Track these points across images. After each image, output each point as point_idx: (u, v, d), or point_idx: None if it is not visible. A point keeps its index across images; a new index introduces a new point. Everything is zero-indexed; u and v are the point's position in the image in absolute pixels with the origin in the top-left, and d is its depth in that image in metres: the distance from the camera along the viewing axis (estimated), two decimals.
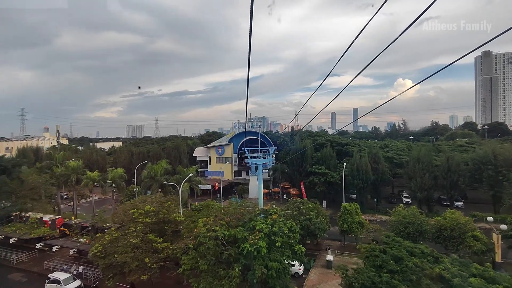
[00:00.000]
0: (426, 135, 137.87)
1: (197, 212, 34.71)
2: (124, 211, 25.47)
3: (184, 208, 36.59)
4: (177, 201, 29.86)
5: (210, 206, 40.80)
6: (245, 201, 30.60)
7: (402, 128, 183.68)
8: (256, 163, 39.79)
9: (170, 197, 30.54)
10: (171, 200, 28.63)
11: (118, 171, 47.63)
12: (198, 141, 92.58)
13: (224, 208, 26.06)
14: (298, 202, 35.57)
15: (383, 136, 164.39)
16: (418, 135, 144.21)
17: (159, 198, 27.19)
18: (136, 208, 25.00)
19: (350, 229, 35.07)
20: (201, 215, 26.11)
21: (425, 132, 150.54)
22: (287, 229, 21.98)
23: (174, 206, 27.93)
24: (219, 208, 27.39)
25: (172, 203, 27.93)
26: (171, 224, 25.54)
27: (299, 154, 56.06)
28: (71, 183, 48.22)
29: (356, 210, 36.21)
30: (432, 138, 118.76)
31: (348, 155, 59.11)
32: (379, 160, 52.95)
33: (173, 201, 28.97)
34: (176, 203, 28.95)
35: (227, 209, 24.90)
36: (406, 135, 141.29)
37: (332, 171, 53.59)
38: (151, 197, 28.07)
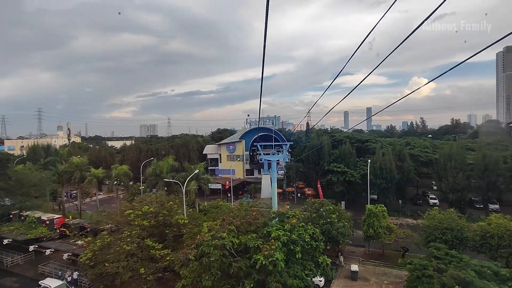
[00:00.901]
0: (446, 134, 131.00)
1: (204, 213, 31.46)
2: (120, 211, 22.31)
3: (191, 209, 33.36)
4: (181, 201, 26.52)
5: (219, 206, 37.68)
6: (257, 201, 27.11)
7: (420, 126, 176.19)
8: (269, 159, 36.09)
9: (173, 197, 27.21)
10: (174, 200, 25.30)
11: (123, 168, 44.91)
12: (209, 139, 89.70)
13: (234, 210, 22.53)
14: (317, 203, 31.66)
15: (400, 134, 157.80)
16: (437, 133, 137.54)
17: (159, 198, 23.89)
18: (133, 209, 21.77)
19: (377, 235, 30.91)
20: (208, 218, 22.67)
21: (445, 131, 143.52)
22: (309, 237, 18.22)
23: (178, 207, 24.58)
24: (228, 210, 23.89)
25: (175, 204, 24.61)
26: (173, 228, 22.20)
27: (315, 152, 52.00)
28: (75, 181, 45.79)
29: (383, 213, 31.99)
30: (454, 136, 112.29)
31: (369, 153, 54.61)
32: (405, 157, 48.28)
33: (177, 201, 25.66)
34: (180, 203, 25.62)
35: (237, 212, 21.33)
36: (424, 134, 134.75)
37: (351, 170, 49.27)
38: (150, 196, 24.83)
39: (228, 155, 69.76)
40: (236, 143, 69.84)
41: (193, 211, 27.68)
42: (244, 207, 22.82)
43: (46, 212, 40.78)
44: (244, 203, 24.71)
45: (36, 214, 36.92)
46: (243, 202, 24.98)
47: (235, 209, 23.48)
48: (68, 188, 57.09)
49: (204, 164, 38.30)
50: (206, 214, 34.18)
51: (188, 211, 28.42)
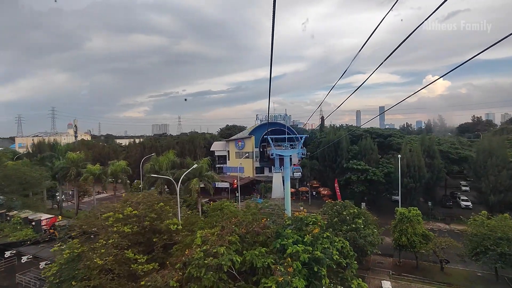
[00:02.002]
0: (466, 131, 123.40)
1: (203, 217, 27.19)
2: (94, 214, 18.16)
3: (190, 211, 29.10)
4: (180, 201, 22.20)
5: (223, 208, 33.51)
6: (266, 202, 22.62)
7: (438, 124, 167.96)
8: (281, 154, 31.44)
9: (165, 197, 22.85)
10: (168, 200, 21.01)
11: (121, 164, 41.12)
12: (217, 136, 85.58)
13: (239, 214, 18.04)
14: (338, 206, 26.79)
15: (417, 133, 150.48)
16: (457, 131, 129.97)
17: (148, 197, 19.59)
18: (113, 211, 17.55)
19: (410, 244, 25.84)
20: (205, 223, 18.22)
21: (465, 129, 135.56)
22: (337, 252, 13.52)
23: (171, 208, 20.27)
24: (231, 213, 19.40)
25: (169, 205, 20.31)
26: (163, 235, 17.83)
27: (332, 148, 47.01)
28: (70, 177, 42.34)
29: (418, 218, 26.87)
30: (478, 133, 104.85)
31: (392, 149, 49.18)
32: (434, 154, 42.70)
33: (172, 202, 21.38)
34: (174, 204, 21.31)
35: (242, 216, 16.81)
36: (443, 132, 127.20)
37: (373, 168, 44.03)
38: (137, 195, 20.59)
39: (237, 152, 65.33)
40: (245, 139, 65.37)
41: (191, 214, 23.28)
42: (252, 210, 18.26)
43: (40, 212, 37.46)
44: (252, 204, 20.17)
45: (23, 214, 33.45)
46: (251, 204, 20.50)
47: (241, 212, 19.00)
48: (67, 186, 53.99)
49: (208, 160, 33.92)
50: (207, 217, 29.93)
51: (187, 213, 24.11)
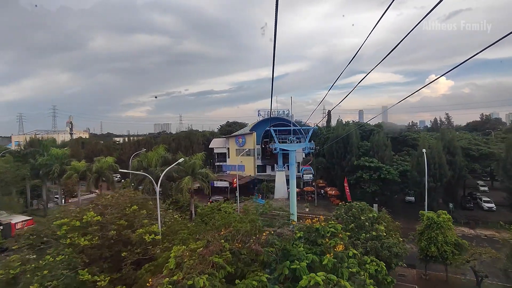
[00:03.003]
0: (475, 130, 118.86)
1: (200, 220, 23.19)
2: (48, 221, 14.12)
3: (179, 215, 25.03)
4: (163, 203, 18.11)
5: (222, 209, 29.46)
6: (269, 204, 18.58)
7: (445, 122, 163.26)
8: (286, 149, 27.29)
9: (142, 197, 18.69)
10: (145, 202, 16.93)
11: (107, 160, 37.10)
12: (217, 132, 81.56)
13: (232, 222, 13.92)
14: (354, 209, 22.53)
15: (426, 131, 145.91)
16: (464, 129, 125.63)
17: (118, 199, 15.50)
18: (70, 216, 13.49)
19: (441, 254, 21.61)
20: (189, 234, 14.10)
21: (473, 127, 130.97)
22: (371, 281, 9.34)
23: (149, 212, 16.19)
24: (225, 219, 15.29)
25: (147, 208, 16.24)
26: (135, 247, 13.74)
27: (341, 144, 42.76)
28: (53, 175, 38.43)
29: (449, 223, 22.60)
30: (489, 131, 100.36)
31: (407, 145, 44.85)
32: (456, 150, 38.34)
33: (150, 203, 17.32)
34: (155, 207, 17.23)
35: (237, 225, 12.68)
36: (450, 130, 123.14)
37: (387, 165, 39.74)
38: (105, 196, 16.51)
39: (237, 149, 61.20)
40: (246, 135, 61.24)
41: (176, 220, 19.12)
42: (250, 216, 14.12)
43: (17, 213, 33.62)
44: (251, 208, 16.10)
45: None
46: (249, 207, 16.45)
47: (237, 217, 14.89)
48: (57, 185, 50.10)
49: (202, 155, 29.84)
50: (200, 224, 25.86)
51: (173, 218, 20.02)
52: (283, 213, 16.07)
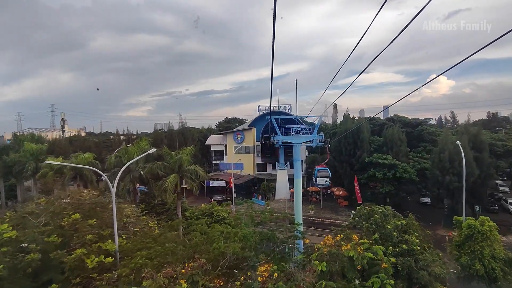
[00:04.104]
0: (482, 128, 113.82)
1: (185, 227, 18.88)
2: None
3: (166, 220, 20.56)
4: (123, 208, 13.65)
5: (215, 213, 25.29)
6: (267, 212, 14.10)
7: (450, 121, 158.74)
8: (291, 141, 22.80)
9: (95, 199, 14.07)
10: (99, 205, 12.42)
11: (86, 156, 32.58)
12: (215, 129, 76.98)
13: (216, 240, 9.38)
14: (378, 215, 17.92)
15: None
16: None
17: (52, 204, 11.00)
18: None
19: (488, 272, 17.05)
20: (154, 254, 9.54)
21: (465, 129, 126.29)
22: None
23: (106, 222, 11.71)
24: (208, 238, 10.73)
25: (100, 217, 11.73)
26: (70, 274, 9.21)
27: (350, 139, 38.24)
28: (27, 173, 34.03)
29: (495, 233, 18.04)
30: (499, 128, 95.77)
31: (424, 140, 40.27)
32: (483, 146, 33.77)
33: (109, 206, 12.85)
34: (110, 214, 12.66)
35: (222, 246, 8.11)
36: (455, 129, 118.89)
37: (403, 162, 35.23)
38: (37, 202, 12.02)
39: (236, 146, 56.70)
40: (245, 131, 56.75)
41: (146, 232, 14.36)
42: (241, 231, 9.59)
43: None
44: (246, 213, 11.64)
45: None
46: (243, 214, 12.04)
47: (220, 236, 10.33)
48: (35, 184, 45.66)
49: (191, 150, 25.35)
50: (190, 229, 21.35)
51: (144, 227, 15.49)
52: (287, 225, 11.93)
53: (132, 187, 26.09)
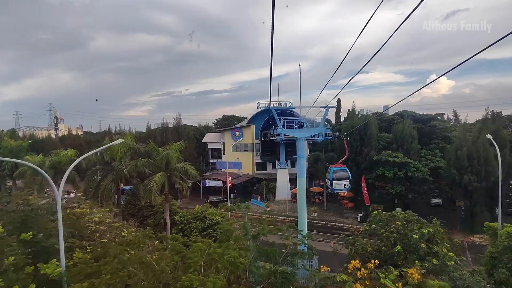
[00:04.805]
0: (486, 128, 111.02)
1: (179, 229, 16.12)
2: None
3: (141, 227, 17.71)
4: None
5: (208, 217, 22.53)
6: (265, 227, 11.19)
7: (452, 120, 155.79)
8: (293, 135, 19.85)
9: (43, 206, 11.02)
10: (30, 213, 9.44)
11: (67, 153, 29.68)
12: (213, 127, 73.97)
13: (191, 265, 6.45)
14: (399, 221, 14.92)
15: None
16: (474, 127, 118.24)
17: None
18: None
19: None
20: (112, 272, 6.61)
21: (483, 124, 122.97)
22: None
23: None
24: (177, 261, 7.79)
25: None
26: None
27: (357, 135, 35.36)
28: (3, 171, 31.10)
29: None
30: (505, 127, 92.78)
31: (436, 137, 37.32)
32: (504, 143, 30.81)
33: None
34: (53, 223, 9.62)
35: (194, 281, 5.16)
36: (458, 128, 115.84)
37: (414, 161, 32.35)
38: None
39: (234, 144, 53.82)
40: (243, 128, 53.85)
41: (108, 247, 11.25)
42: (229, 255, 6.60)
43: None
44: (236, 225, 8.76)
45: None
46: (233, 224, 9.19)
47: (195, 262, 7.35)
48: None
49: (181, 145, 22.42)
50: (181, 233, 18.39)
51: (115, 238, 12.56)
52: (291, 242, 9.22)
53: (115, 187, 23.14)
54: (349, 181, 23.79)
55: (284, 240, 9.92)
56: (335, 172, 23.82)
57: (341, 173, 23.93)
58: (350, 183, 23.73)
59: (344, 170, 24.16)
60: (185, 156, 50.18)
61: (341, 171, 24.07)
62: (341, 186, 23.96)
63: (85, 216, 13.52)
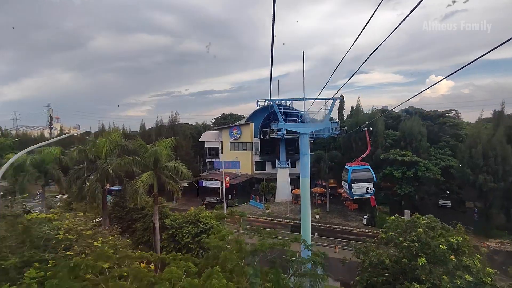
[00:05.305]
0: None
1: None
2: None
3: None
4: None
5: (202, 221, 20.83)
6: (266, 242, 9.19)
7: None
8: (296, 130, 17.77)
9: None
10: None
11: (52, 151, 27.50)
12: (211, 126, 71.88)
13: None
14: (421, 228, 12.82)
15: None
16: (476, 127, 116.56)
17: None
18: None
19: None
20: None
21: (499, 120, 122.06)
22: None
23: None
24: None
25: None
26: None
27: (362, 133, 33.26)
28: None
29: None
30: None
31: (446, 135, 35.27)
32: None
33: None
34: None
35: None
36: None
37: (424, 159, 30.31)
38: None
39: (232, 143, 51.75)
40: (242, 126, 51.80)
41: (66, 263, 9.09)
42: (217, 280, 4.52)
43: None
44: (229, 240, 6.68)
45: None
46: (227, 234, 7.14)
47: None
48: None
49: (171, 141, 20.28)
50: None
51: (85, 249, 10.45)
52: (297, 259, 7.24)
53: (99, 188, 20.99)
54: (373, 183, 19.28)
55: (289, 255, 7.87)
56: (354, 172, 19.46)
57: (362, 173, 19.57)
58: (374, 186, 19.36)
59: (366, 169, 19.71)
60: (181, 155, 48.15)
61: (362, 171, 19.66)
62: (363, 191, 19.20)
63: (53, 222, 11.42)
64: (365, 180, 19.32)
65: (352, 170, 19.59)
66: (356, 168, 19.98)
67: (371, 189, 19.30)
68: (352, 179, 19.27)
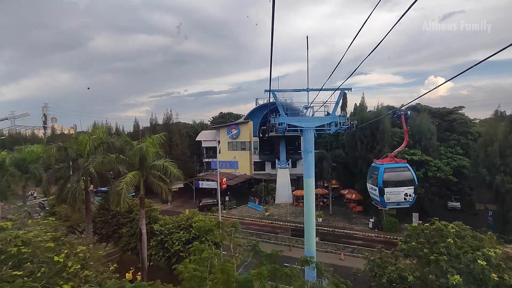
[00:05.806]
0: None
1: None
2: None
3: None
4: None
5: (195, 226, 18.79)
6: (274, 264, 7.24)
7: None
8: (299, 125, 15.72)
9: None
10: None
11: (34, 149, 25.46)
12: (209, 125, 69.82)
13: None
14: (450, 238, 10.81)
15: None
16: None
17: None
18: None
19: None
20: None
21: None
22: None
23: None
24: None
25: None
26: None
27: (367, 131, 31.30)
28: None
29: None
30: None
31: (456, 132, 33.29)
32: None
33: None
34: None
35: None
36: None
37: (434, 159, 28.32)
38: None
39: (230, 142, 49.72)
40: (240, 124, 49.75)
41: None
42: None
43: None
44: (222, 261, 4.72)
45: None
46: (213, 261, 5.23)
47: None
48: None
49: (159, 138, 18.24)
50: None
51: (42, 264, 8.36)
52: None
53: (80, 189, 18.89)
54: (413, 188, 13.15)
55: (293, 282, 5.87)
56: (387, 172, 13.22)
57: (398, 173, 13.32)
58: (415, 192, 13.25)
59: (404, 168, 13.41)
60: (176, 154, 46.13)
61: (398, 170, 13.39)
62: (399, 198, 13.21)
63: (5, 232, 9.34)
64: (403, 183, 13.20)
65: (384, 169, 13.29)
66: (389, 166, 13.48)
67: (411, 196, 13.29)
68: (384, 181, 13.10)
